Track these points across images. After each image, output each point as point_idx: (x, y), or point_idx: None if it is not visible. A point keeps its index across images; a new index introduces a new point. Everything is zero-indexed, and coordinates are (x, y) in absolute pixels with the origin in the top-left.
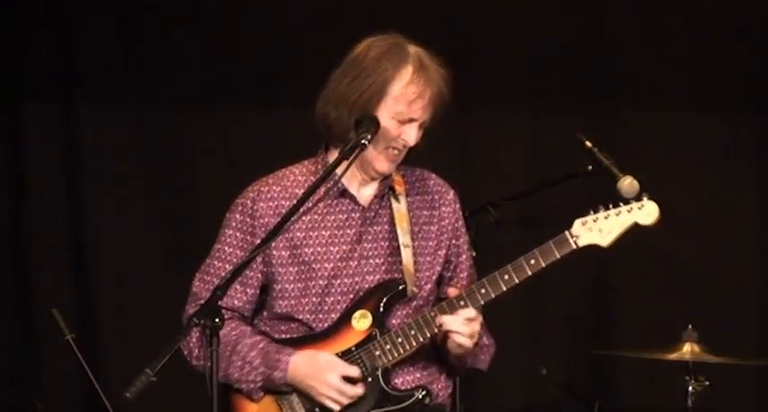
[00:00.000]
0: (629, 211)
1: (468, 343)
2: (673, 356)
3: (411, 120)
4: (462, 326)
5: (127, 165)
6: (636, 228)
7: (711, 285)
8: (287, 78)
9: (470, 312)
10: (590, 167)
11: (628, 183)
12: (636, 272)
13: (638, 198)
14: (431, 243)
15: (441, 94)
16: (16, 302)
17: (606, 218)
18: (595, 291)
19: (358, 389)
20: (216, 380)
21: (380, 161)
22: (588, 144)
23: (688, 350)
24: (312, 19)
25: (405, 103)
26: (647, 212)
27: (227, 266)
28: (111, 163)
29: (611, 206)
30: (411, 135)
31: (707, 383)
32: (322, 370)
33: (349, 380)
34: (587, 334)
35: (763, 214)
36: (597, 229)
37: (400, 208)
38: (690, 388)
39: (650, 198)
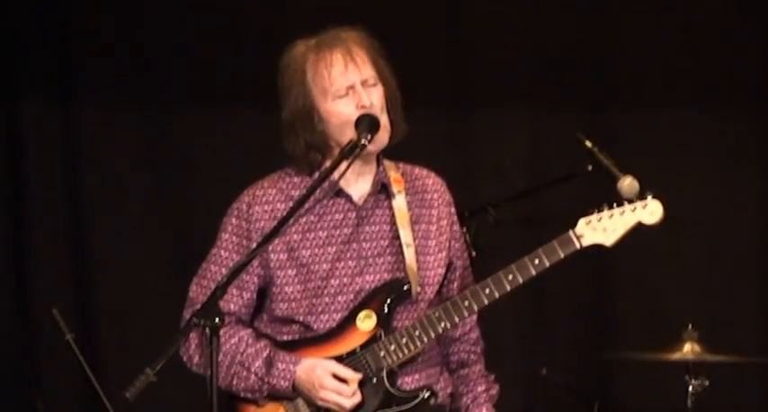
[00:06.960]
0: (633, 211)
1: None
2: (673, 356)
3: (351, 87)
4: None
5: (127, 165)
6: (640, 227)
7: (711, 285)
8: None
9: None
10: (590, 167)
11: (628, 184)
12: (636, 272)
13: (641, 197)
14: (431, 242)
15: (355, 47)
16: (16, 302)
17: (610, 217)
18: (596, 291)
19: (353, 382)
20: (216, 381)
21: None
22: (588, 144)
23: (688, 350)
24: (313, 19)
25: (327, 79)
26: (650, 211)
27: (223, 271)
28: (111, 163)
29: (615, 205)
30: (364, 97)
31: (707, 383)
32: (319, 380)
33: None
34: (587, 334)
35: (763, 214)
36: (601, 229)
37: (400, 206)
38: (690, 388)
39: (654, 196)
